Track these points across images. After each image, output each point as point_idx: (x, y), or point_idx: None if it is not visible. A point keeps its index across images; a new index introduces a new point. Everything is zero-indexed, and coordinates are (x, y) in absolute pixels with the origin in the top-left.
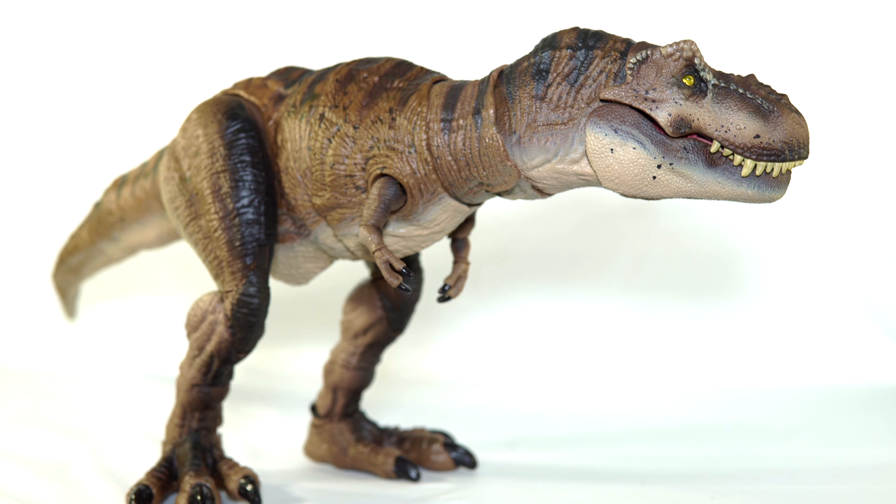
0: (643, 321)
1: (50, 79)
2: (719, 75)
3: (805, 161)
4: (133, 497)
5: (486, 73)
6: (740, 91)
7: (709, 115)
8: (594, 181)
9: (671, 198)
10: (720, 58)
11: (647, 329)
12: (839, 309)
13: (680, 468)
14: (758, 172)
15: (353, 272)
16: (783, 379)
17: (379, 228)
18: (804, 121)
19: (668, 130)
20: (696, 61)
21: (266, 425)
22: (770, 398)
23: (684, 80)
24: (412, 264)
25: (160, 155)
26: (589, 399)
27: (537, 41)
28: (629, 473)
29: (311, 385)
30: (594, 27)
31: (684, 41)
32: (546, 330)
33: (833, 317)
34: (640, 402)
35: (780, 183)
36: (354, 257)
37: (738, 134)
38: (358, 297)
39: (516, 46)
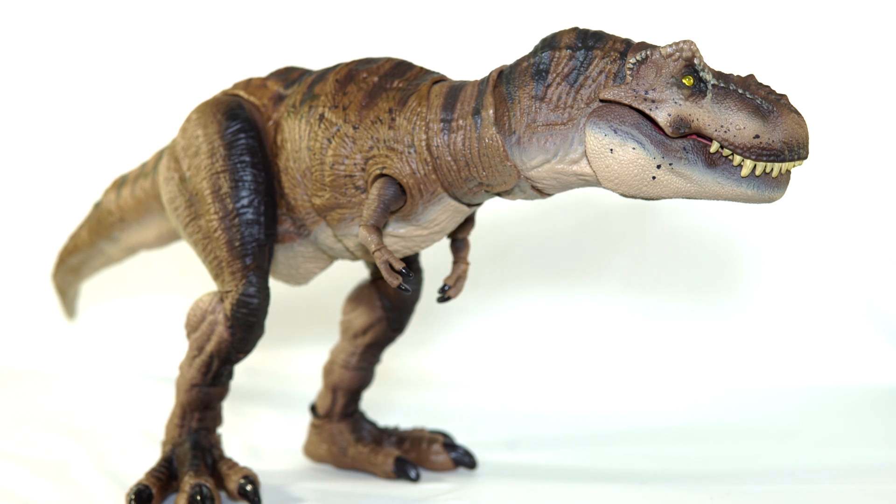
0: (643, 321)
1: (50, 79)
2: (719, 75)
3: (804, 161)
4: (133, 497)
5: (486, 74)
6: (740, 91)
7: (708, 115)
8: (594, 181)
9: (671, 198)
10: (720, 58)
11: (647, 329)
12: (839, 309)
13: (680, 468)
14: (757, 172)
15: (353, 272)
16: (783, 379)
17: (378, 228)
18: (804, 121)
19: (668, 131)
20: (696, 61)
21: (266, 425)
22: (770, 398)
23: (684, 81)
24: (412, 264)
25: (160, 155)
26: (589, 399)
27: (537, 41)
28: (629, 473)
29: (311, 385)
30: (594, 27)
31: (684, 41)
32: (546, 330)
33: (833, 317)
34: (640, 402)
35: (780, 183)
36: (354, 257)
37: (738, 134)
38: (357, 297)
39: (516, 46)
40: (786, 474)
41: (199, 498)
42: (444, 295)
